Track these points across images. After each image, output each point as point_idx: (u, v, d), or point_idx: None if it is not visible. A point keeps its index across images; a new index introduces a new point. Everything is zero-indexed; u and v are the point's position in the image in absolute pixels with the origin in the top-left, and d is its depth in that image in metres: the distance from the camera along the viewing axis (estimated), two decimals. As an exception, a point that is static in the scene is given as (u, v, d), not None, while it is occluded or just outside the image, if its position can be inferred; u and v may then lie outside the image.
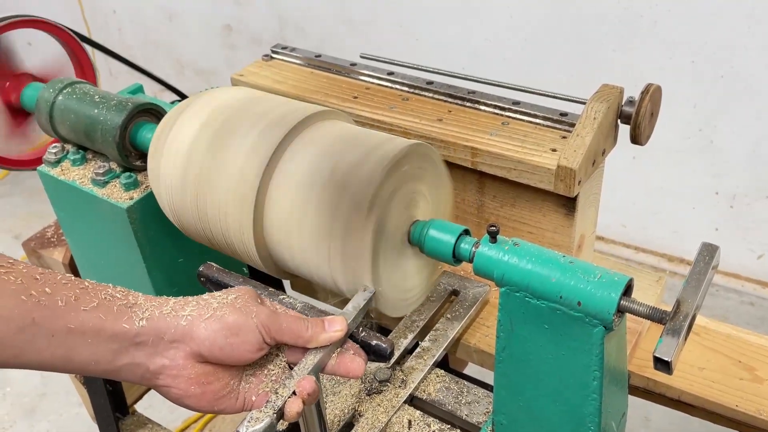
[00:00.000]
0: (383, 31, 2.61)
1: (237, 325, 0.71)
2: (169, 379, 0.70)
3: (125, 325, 0.68)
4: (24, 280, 0.65)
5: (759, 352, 1.04)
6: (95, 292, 0.69)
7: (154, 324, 0.69)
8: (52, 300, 0.65)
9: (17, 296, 0.64)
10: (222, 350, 0.70)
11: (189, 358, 0.70)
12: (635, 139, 1.01)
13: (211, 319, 0.70)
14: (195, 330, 0.70)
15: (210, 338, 0.70)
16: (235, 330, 0.71)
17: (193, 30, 3.22)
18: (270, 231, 0.88)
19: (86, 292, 0.68)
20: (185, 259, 1.04)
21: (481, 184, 1.10)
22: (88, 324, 0.66)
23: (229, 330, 0.70)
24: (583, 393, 0.72)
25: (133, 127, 1.02)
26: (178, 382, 0.70)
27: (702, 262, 0.67)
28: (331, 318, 0.77)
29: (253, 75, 1.28)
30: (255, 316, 0.72)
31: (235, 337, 0.70)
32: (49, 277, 0.67)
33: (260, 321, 0.72)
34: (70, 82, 1.07)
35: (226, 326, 0.70)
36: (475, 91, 1.14)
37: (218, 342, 0.70)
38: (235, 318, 0.71)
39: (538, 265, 0.70)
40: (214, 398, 0.72)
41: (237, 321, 0.71)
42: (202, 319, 0.70)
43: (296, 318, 0.75)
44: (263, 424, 0.69)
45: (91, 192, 1.02)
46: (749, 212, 2.24)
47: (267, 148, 0.87)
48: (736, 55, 2.00)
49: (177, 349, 0.70)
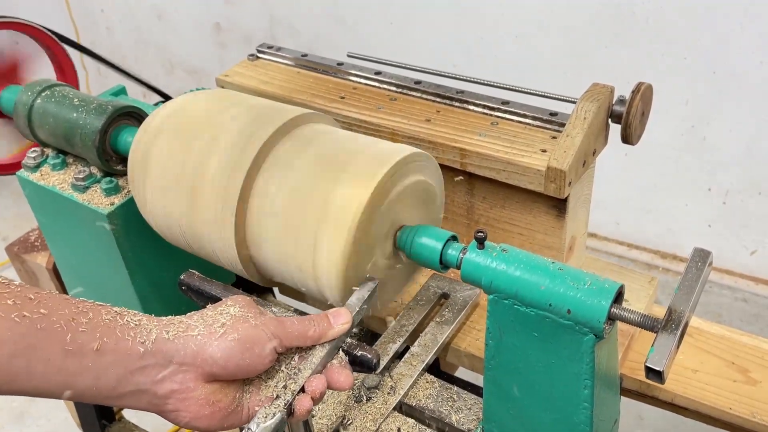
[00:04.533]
0: (375, 29, 2.59)
1: (251, 339, 0.68)
2: (178, 404, 0.67)
3: (129, 347, 0.64)
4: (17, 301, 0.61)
5: (753, 354, 1.03)
6: (94, 313, 0.65)
7: (160, 346, 0.66)
8: (48, 321, 0.61)
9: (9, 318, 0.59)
10: (239, 366, 0.68)
11: (199, 380, 0.67)
12: (626, 138, 0.99)
13: (223, 336, 0.67)
14: (207, 351, 0.67)
15: (224, 357, 0.67)
16: (249, 344, 0.68)
17: (183, 29, 3.19)
18: (253, 239, 0.86)
19: (84, 313, 0.64)
20: (170, 265, 1.02)
21: (470, 186, 1.09)
22: (87, 347, 0.62)
23: (244, 344, 0.68)
24: (574, 402, 0.71)
25: (113, 131, 1.00)
26: (188, 405, 0.67)
27: (694, 268, 0.65)
28: (335, 311, 0.75)
29: (238, 75, 1.26)
30: (264, 326, 0.70)
31: (250, 351, 0.68)
32: (45, 297, 0.63)
33: (271, 330, 0.70)
34: (49, 84, 1.05)
35: (240, 342, 0.68)
36: (464, 91, 1.12)
37: (234, 359, 0.67)
38: (248, 332, 0.69)
39: (526, 272, 0.69)
40: (223, 416, 0.69)
41: (250, 335, 0.68)
42: (214, 338, 0.67)
43: (300, 320, 0.73)
44: (275, 420, 0.67)
45: (72, 197, 1.00)
46: (742, 208, 2.23)
47: (251, 149, 0.85)
48: (729, 51, 1.99)
49: (186, 372, 0.66)
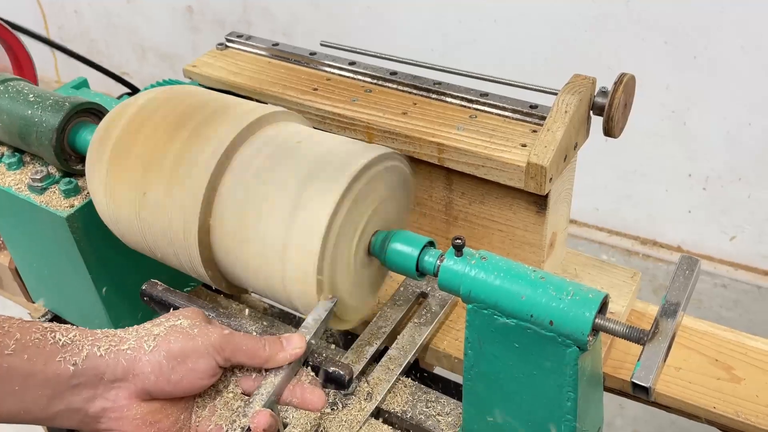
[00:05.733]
0: (351, 12, 2.53)
1: (183, 351, 0.65)
2: (112, 423, 0.64)
3: (59, 367, 0.61)
4: None
5: (736, 350, 1.01)
6: (22, 333, 0.62)
7: (91, 363, 0.63)
8: None
9: None
10: (170, 382, 0.64)
11: (133, 398, 0.64)
12: (608, 131, 0.96)
13: (154, 350, 0.64)
14: (138, 365, 0.63)
15: (155, 371, 0.63)
16: (181, 357, 0.64)
17: (153, 12, 3.10)
18: (218, 243, 0.81)
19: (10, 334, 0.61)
20: (136, 269, 0.97)
21: (448, 181, 1.05)
22: (14, 370, 0.59)
23: (175, 358, 0.64)
24: (556, 414, 0.68)
25: (71, 129, 0.95)
26: (122, 424, 0.64)
27: (682, 276, 0.62)
28: (288, 336, 0.72)
29: (207, 66, 1.21)
30: (204, 337, 0.66)
31: (183, 364, 0.64)
32: None
33: (211, 342, 0.66)
34: (2, 79, 0.99)
35: (171, 355, 0.64)
36: (442, 82, 1.08)
37: (164, 374, 0.64)
38: (181, 344, 0.65)
39: (506, 281, 0.65)
40: None
41: (183, 347, 0.65)
42: (145, 351, 0.64)
43: (251, 337, 0.70)
44: None
45: (29, 199, 0.94)
46: (722, 194, 2.23)
47: (214, 149, 0.80)
48: (710, 36, 1.97)
49: (119, 389, 0.64)
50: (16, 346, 0.61)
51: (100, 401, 0.63)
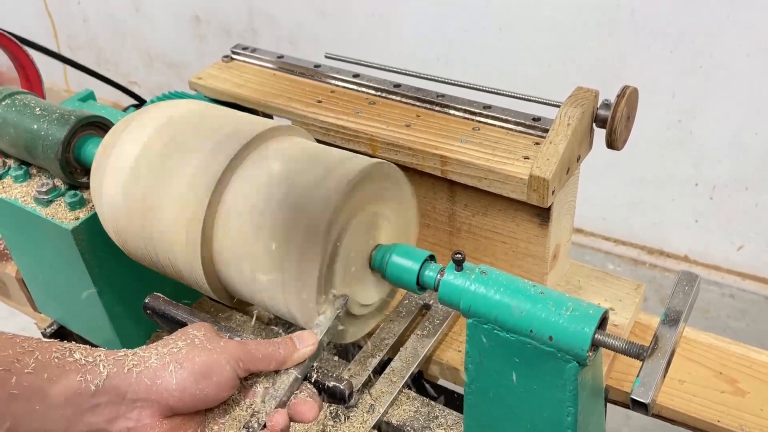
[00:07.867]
0: (357, 20, 2.54)
1: (207, 366, 0.65)
2: None
3: (79, 386, 0.61)
4: None
5: (741, 363, 1.01)
6: (42, 351, 0.61)
7: (112, 383, 0.62)
8: None
9: None
10: (195, 397, 0.64)
11: (156, 416, 0.64)
12: (611, 144, 0.96)
13: (178, 367, 0.64)
14: (161, 384, 0.63)
15: (179, 388, 0.64)
16: (206, 372, 0.65)
17: (161, 20, 3.12)
18: (220, 258, 0.82)
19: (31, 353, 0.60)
20: (141, 282, 0.97)
21: (451, 193, 1.05)
22: (35, 389, 0.59)
23: (200, 374, 0.65)
24: (557, 429, 0.68)
25: (77, 142, 0.95)
26: None
27: (681, 292, 0.62)
28: (299, 334, 0.73)
29: (212, 78, 1.21)
30: (222, 350, 0.67)
31: (208, 379, 0.65)
32: None
33: (230, 355, 0.67)
34: (10, 92, 1.00)
35: (195, 371, 0.65)
36: (445, 95, 1.08)
37: (189, 390, 0.64)
38: (204, 358, 0.65)
39: (506, 296, 0.65)
40: None
41: (207, 361, 0.65)
42: (167, 369, 0.64)
43: (264, 342, 0.71)
44: None
45: (34, 211, 0.95)
46: (729, 203, 2.22)
47: (216, 168, 0.80)
48: (716, 44, 1.96)
49: (142, 408, 0.63)
50: (36, 365, 0.60)
51: (122, 421, 0.63)
